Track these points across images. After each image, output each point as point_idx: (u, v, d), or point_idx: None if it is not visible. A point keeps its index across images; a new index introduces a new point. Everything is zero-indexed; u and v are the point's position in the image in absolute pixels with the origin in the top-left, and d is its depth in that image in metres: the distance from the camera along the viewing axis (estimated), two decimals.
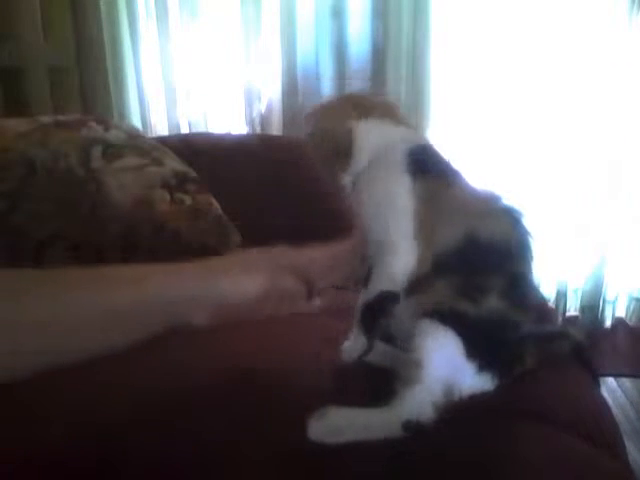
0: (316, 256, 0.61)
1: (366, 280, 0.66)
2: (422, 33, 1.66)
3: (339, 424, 0.58)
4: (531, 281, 0.66)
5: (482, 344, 0.61)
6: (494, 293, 0.61)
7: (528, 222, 0.65)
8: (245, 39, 1.72)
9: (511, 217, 0.65)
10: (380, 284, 0.64)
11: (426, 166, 0.66)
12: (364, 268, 0.67)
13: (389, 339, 0.69)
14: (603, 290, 1.87)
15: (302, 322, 0.85)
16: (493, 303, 0.61)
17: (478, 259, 0.62)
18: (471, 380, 0.62)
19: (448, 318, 0.60)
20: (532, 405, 0.66)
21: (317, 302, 0.60)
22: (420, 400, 0.59)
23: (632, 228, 1.80)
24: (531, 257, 0.65)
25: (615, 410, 1.49)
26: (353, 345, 0.68)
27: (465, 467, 0.56)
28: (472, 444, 0.59)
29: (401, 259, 0.62)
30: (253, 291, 0.56)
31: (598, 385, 0.77)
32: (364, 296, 0.66)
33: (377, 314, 0.66)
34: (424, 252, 0.62)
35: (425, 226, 0.62)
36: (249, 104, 1.78)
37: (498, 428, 0.62)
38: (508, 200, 0.66)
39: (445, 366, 0.60)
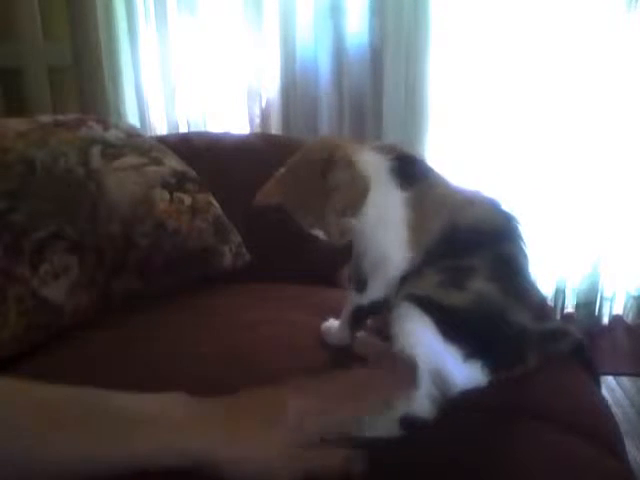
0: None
1: (358, 285, 0.71)
2: (421, 31, 1.66)
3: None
4: (523, 263, 0.66)
5: (463, 329, 0.61)
6: (480, 275, 0.62)
7: (508, 208, 0.68)
8: (244, 38, 1.72)
9: (491, 204, 0.68)
10: (374, 293, 0.70)
11: (410, 175, 0.68)
12: (355, 274, 0.72)
13: (380, 332, 0.72)
14: (600, 287, 1.87)
15: (298, 321, 0.85)
16: (479, 285, 0.62)
17: (461, 243, 0.64)
18: (459, 368, 0.62)
19: (423, 303, 0.62)
20: (532, 404, 0.66)
21: None
22: (411, 394, 0.60)
23: (629, 225, 1.80)
24: (519, 239, 0.66)
25: (615, 409, 1.49)
26: (338, 331, 0.75)
27: (464, 467, 0.56)
28: (471, 444, 0.59)
29: (392, 270, 0.67)
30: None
31: (599, 385, 0.77)
32: (356, 300, 0.72)
33: (367, 316, 0.74)
34: (415, 251, 0.65)
35: (415, 229, 0.66)
36: (249, 103, 1.78)
37: (497, 428, 0.62)
38: (487, 193, 0.70)
39: (425, 352, 0.61)
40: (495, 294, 0.62)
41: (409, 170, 0.68)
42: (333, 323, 0.77)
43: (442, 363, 0.61)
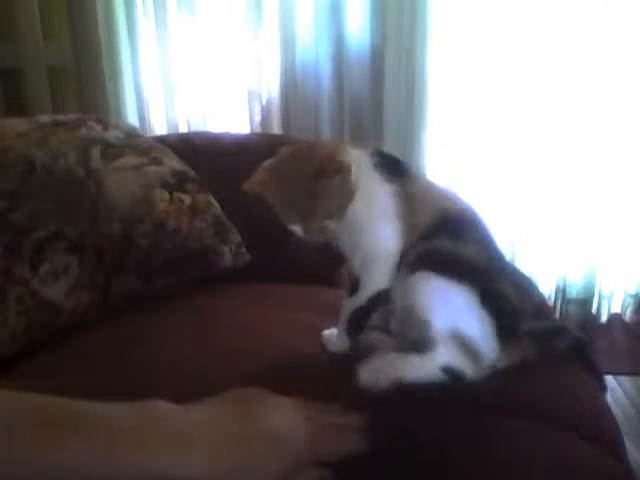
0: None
1: (351, 289, 0.72)
2: (420, 31, 1.66)
3: (384, 367, 0.63)
4: (494, 241, 0.71)
5: (469, 270, 0.65)
6: (471, 246, 0.66)
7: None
8: (244, 37, 1.72)
9: (462, 199, 0.72)
10: (371, 288, 0.70)
11: (393, 170, 0.70)
12: (348, 278, 0.73)
13: (389, 330, 0.73)
14: (599, 286, 1.87)
15: (299, 321, 0.85)
16: (471, 251, 0.66)
17: (453, 229, 0.67)
18: (477, 317, 0.64)
19: (431, 259, 0.65)
20: (532, 404, 0.66)
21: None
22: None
23: (627, 224, 1.80)
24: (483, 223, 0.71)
25: (615, 409, 1.49)
26: (337, 339, 0.75)
27: (464, 466, 0.56)
28: (471, 444, 0.59)
29: (389, 260, 0.68)
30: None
31: (602, 382, 0.76)
32: (353, 303, 0.72)
33: (367, 315, 0.73)
34: (408, 236, 0.68)
35: (406, 218, 0.68)
36: (249, 103, 1.78)
37: (497, 427, 0.62)
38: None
39: (442, 310, 0.64)
40: (485, 258, 0.67)
41: (392, 166, 0.71)
42: (334, 331, 0.76)
43: (461, 319, 0.64)
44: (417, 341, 0.65)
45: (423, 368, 0.63)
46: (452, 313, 0.65)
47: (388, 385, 0.61)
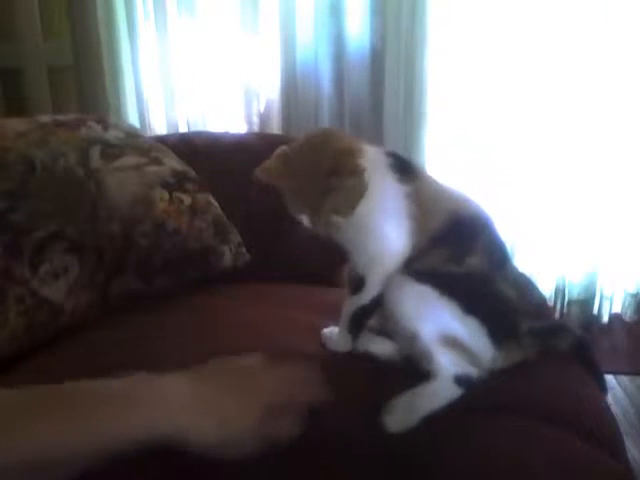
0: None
1: (353, 288, 0.72)
2: (420, 31, 1.66)
3: (406, 410, 0.62)
4: (502, 242, 0.73)
5: (458, 286, 0.66)
6: (476, 254, 0.68)
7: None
8: (244, 38, 1.72)
9: (473, 201, 0.72)
10: (375, 288, 0.70)
11: (407, 171, 0.71)
12: (351, 277, 0.74)
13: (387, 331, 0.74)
14: (600, 286, 1.87)
15: (299, 321, 0.85)
16: (474, 261, 0.67)
17: (463, 232, 0.69)
18: (462, 325, 0.65)
19: (418, 273, 0.66)
20: (532, 404, 0.66)
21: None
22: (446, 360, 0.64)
23: (628, 224, 1.80)
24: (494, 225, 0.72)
25: (615, 409, 1.49)
26: (339, 338, 0.75)
27: (464, 467, 0.56)
28: (471, 443, 0.59)
29: (395, 260, 0.68)
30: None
31: (602, 382, 0.76)
32: (356, 302, 0.72)
33: (368, 314, 0.74)
34: (420, 237, 0.68)
35: (418, 219, 0.68)
36: (248, 103, 1.78)
37: (497, 428, 0.62)
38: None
39: (426, 317, 0.65)
40: (485, 267, 0.68)
41: (405, 167, 0.71)
42: (333, 330, 0.77)
43: (446, 324, 0.65)
44: (412, 353, 0.67)
45: (441, 391, 0.64)
46: (436, 317, 0.65)
47: (416, 423, 0.61)
